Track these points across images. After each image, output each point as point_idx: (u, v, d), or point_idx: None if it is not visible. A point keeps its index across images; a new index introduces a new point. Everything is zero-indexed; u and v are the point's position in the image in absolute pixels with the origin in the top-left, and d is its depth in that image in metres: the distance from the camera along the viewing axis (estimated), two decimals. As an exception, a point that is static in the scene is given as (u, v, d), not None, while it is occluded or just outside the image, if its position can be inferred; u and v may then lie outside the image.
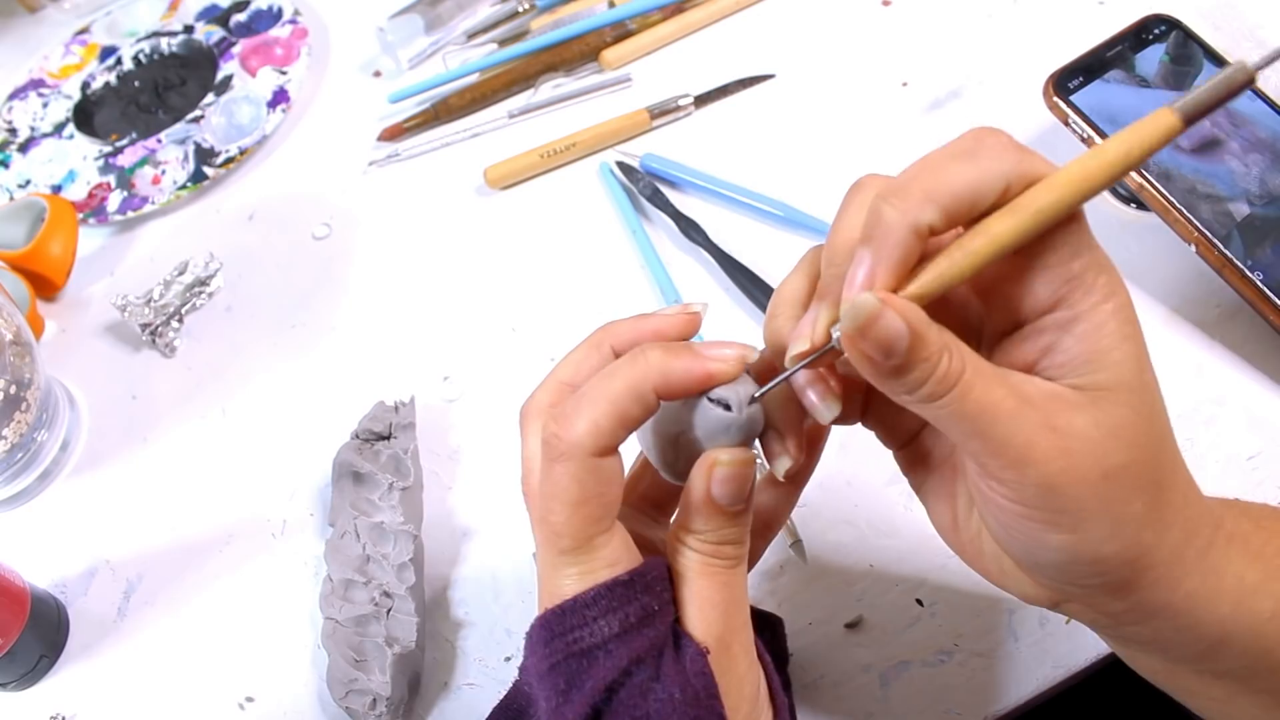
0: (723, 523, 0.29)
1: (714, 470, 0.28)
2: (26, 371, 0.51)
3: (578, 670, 0.28)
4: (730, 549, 0.29)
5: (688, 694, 0.27)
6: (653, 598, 0.28)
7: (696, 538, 0.29)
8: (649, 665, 0.28)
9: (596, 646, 0.28)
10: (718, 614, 0.29)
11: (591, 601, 0.28)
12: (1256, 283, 0.43)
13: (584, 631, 0.28)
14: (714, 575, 0.29)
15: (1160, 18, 0.49)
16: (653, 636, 0.28)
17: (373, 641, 0.42)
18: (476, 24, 0.69)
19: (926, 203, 0.24)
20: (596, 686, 0.27)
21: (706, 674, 0.28)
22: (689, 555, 0.29)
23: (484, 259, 0.58)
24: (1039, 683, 0.39)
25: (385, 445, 0.48)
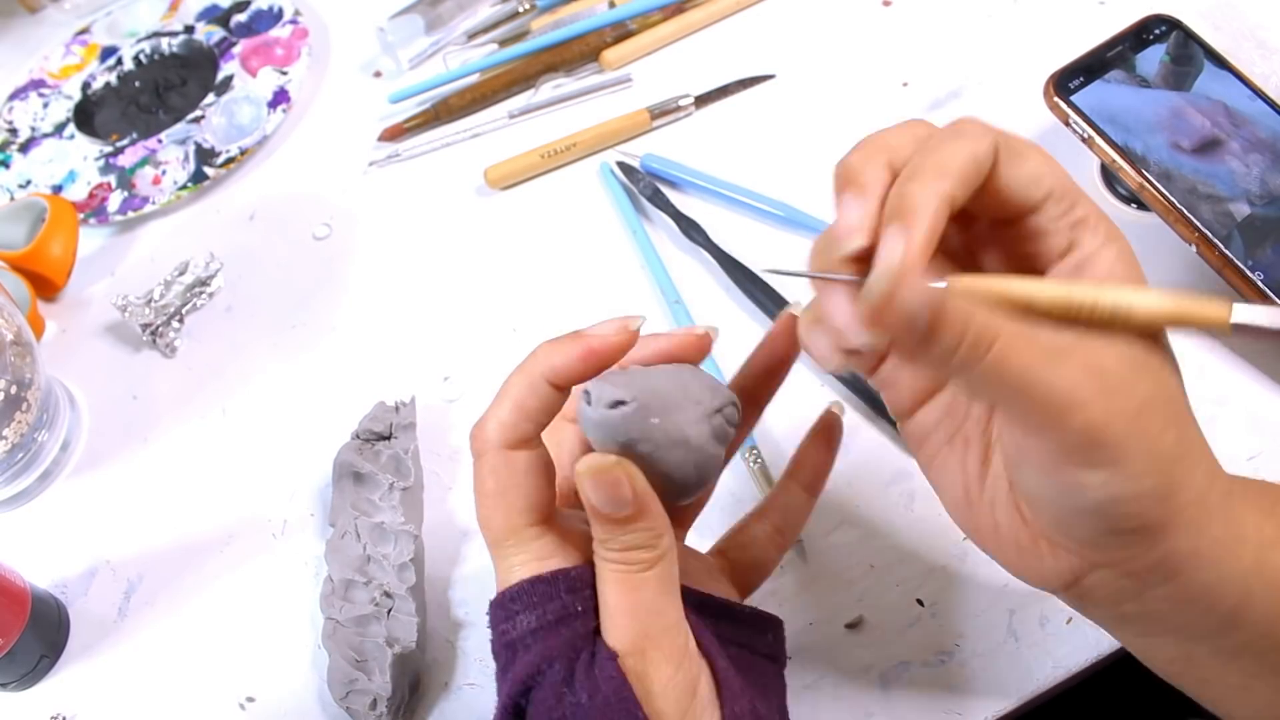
0: (615, 529, 0.29)
1: (581, 482, 0.28)
2: (27, 371, 0.51)
3: (507, 661, 0.29)
4: (637, 554, 0.29)
5: (597, 699, 0.28)
6: (576, 599, 0.29)
7: (604, 545, 0.29)
8: (561, 666, 0.28)
9: (517, 640, 0.29)
10: (628, 620, 0.29)
11: (516, 595, 0.30)
12: (1257, 283, 0.43)
13: (509, 624, 0.29)
14: (621, 581, 0.29)
15: (1160, 18, 0.49)
16: (568, 637, 0.29)
17: (373, 641, 0.42)
18: (477, 24, 0.69)
19: (945, 177, 0.26)
20: (515, 679, 0.29)
21: (617, 678, 0.28)
22: (600, 564, 0.29)
23: (484, 259, 0.58)
24: (1039, 683, 0.39)
25: (385, 445, 0.48)
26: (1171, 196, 0.44)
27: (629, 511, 0.29)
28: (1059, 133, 0.47)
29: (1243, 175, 0.45)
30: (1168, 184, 0.45)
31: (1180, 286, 0.47)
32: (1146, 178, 0.45)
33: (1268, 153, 0.46)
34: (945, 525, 0.43)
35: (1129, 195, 0.50)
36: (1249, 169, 0.45)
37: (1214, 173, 0.45)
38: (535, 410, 0.30)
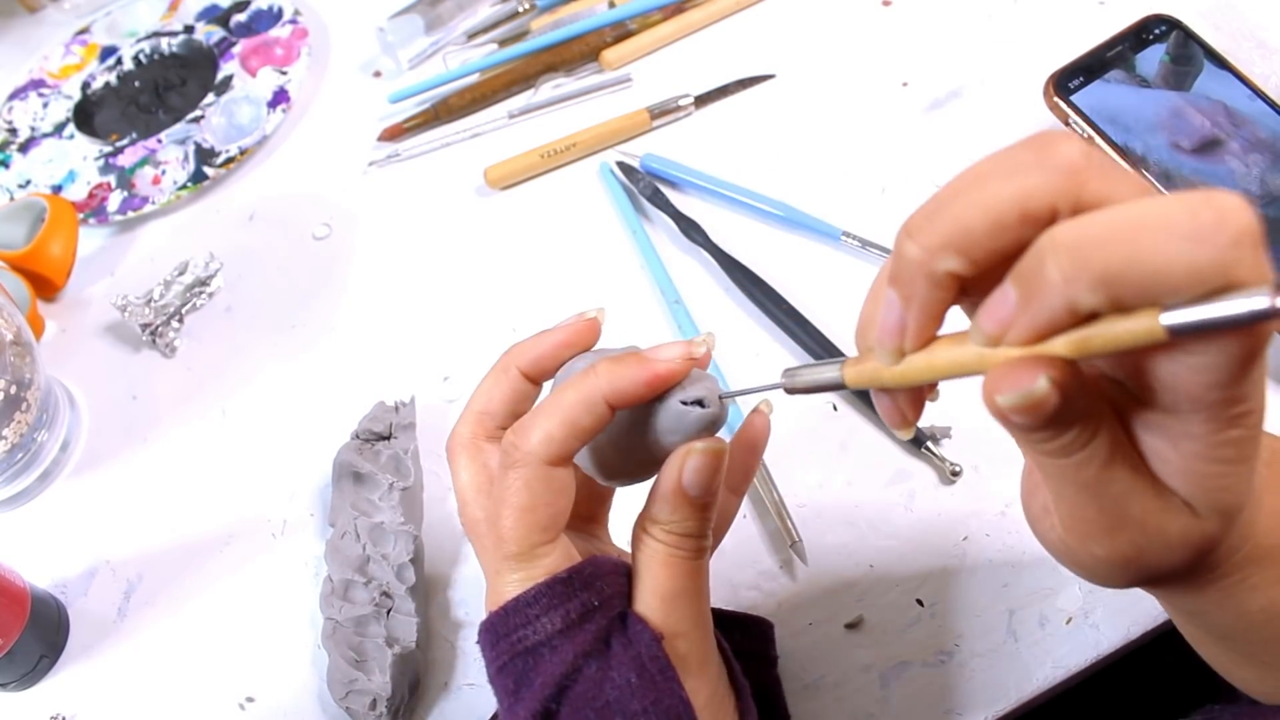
0: (690, 513, 0.29)
1: (688, 459, 0.29)
2: (27, 372, 0.51)
3: (525, 669, 0.29)
4: (693, 541, 0.30)
5: (644, 677, 0.28)
6: (592, 594, 0.29)
7: (662, 528, 0.29)
8: (597, 657, 0.28)
9: (541, 644, 0.29)
10: (679, 602, 0.29)
11: (533, 600, 0.29)
12: (1257, 283, 0.43)
13: (527, 630, 0.29)
14: (676, 565, 0.29)
15: (1160, 18, 0.49)
16: (595, 631, 0.29)
17: (373, 641, 0.42)
18: (476, 24, 0.69)
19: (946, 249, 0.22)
20: (546, 683, 0.28)
21: (661, 657, 0.28)
22: (653, 545, 0.30)
23: (484, 259, 0.58)
24: (1039, 683, 0.39)
25: (385, 445, 0.48)
26: (1171, 196, 0.44)
27: (710, 499, 0.29)
28: (1059, 133, 0.47)
29: (1243, 175, 0.45)
30: (1168, 184, 0.45)
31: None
32: (1146, 178, 0.45)
33: (1268, 153, 0.46)
34: (945, 525, 0.43)
35: (1129, 195, 0.50)
36: (1249, 169, 0.45)
37: (1214, 173, 0.45)
38: (587, 430, 0.29)
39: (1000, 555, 0.42)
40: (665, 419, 0.29)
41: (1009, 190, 0.21)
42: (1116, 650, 0.39)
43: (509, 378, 0.32)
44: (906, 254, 0.22)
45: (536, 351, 0.32)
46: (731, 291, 0.52)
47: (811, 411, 0.47)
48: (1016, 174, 0.21)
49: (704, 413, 0.29)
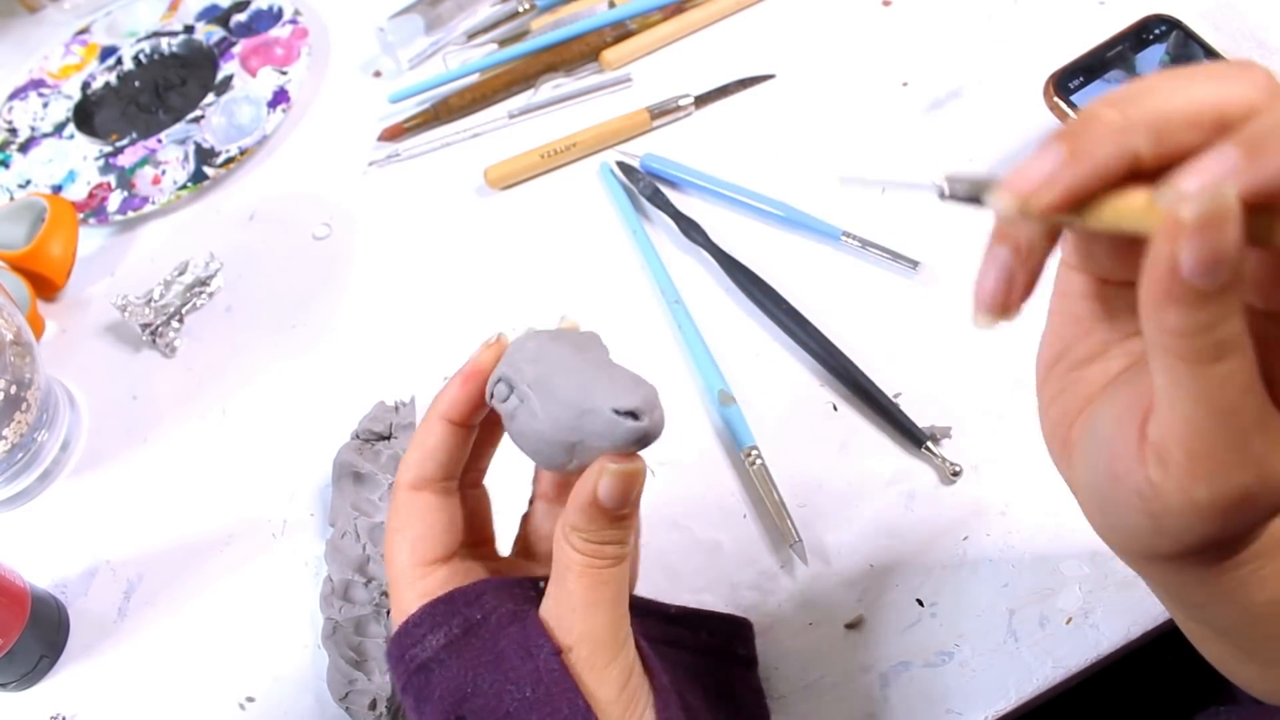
0: (605, 524, 0.30)
1: (602, 477, 0.29)
2: (27, 371, 0.51)
3: (422, 685, 0.30)
4: (611, 549, 0.30)
5: (539, 689, 0.28)
6: (475, 609, 0.30)
7: (579, 535, 0.30)
8: (491, 669, 0.29)
9: (430, 660, 0.30)
10: (591, 611, 0.30)
11: (418, 620, 0.30)
12: (1257, 283, 0.43)
13: (417, 649, 0.30)
14: (591, 575, 0.30)
15: (1160, 18, 0.49)
16: (481, 646, 0.30)
17: (373, 641, 0.42)
18: (476, 24, 0.69)
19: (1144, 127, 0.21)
20: (443, 696, 0.29)
21: (557, 669, 0.29)
22: (570, 554, 0.30)
23: (484, 259, 0.58)
24: (1039, 683, 0.39)
25: (385, 445, 0.48)
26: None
27: (627, 511, 0.30)
28: (1059, 133, 0.47)
29: (1243, 175, 0.45)
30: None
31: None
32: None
33: (1268, 153, 0.46)
34: (945, 525, 0.43)
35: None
36: (1249, 169, 0.45)
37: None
38: (434, 448, 0.32)
39: (1000, 555, 0.42)
40: (596, 424, 0.29)
41: (1214, 92, 0.21)
42: (1116, 650, 0.39)
43: (432, 426, 0.33)
44: (1104, 117, 0.22)
45: (449, 395, 0.33)
46: (731, 291, 0.52)
47: (812, 411, 0.47)
48: (1222, 80, 0.22)
49: (634, 425, 0.28)
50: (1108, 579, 0.40)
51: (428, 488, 0.32)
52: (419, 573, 0.32)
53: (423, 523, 0.32)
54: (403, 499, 0.32)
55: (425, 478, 0.32)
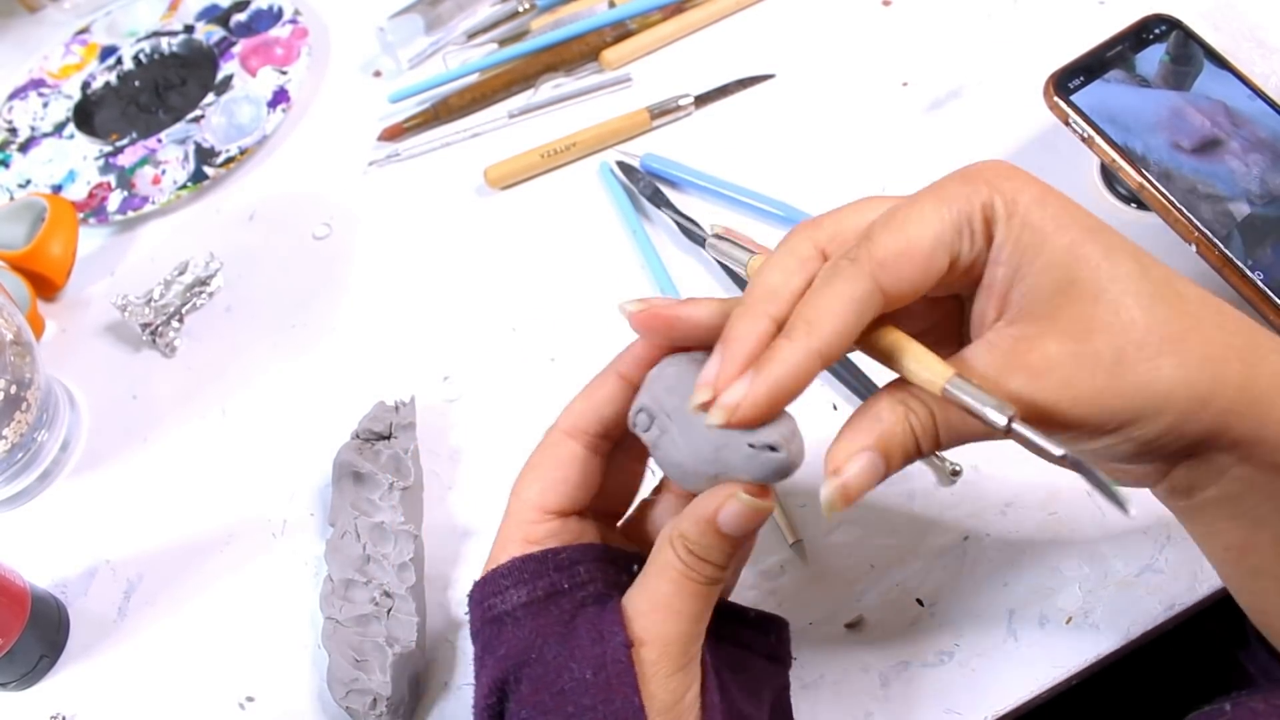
0: (716, 542, 0.29)
1: (728, 503, 0.29)
2: (27, 371, 0.51)
3: (491, 636, 0.30)
4: (711, 568, 0.29)
5: (601, 676, 0.28)
6: (564, 576, 0.30)
7: (685, 545, 0.29)
8: (559, 642, 0.29)
9: (506, 614, 0.30)
10: (669, 615, 0.29)
11: (506, 572, 0.30)
12: (1257, 283, 0.43)
13: (497, 599, 0.30)
14: (684, 585, 0.29)
15: (1160, 18, 0.49)
16: (559, 614, 0.29)
17: (373, 641, 0.42)
18: (476, 24, 0.69)
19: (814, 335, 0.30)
20: (507, 654, 0.29)
21: (624, 662, 0.28)
22: (670, 558, 0.29)
23: (484, 259, 0.58)
24: (1039, 683, 0.39)
25: (385, 445, 0.48)
26: (1171, 196, 0.44)
27: (742, 539, 0.30)
28: (1059, 133, 0.47)
29: (1243, 175, 0.45)
30: (1168, 184, 0.45)
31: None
32: (1146, 178, 0.45)
33: (1268, 153, 0.46)
34: (945, 525, 0.43)
35: (1129, 195, 0.50)
36: (1249, 169, 0.45)
37: (1214, 173, 0.45)
38: (601, 401, 0.32)
39: (1000, 555, 0.42)
40: (735, 457, 0.29)
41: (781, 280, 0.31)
42: (1116, 650, 0.39)
43: (606, 379, 0.33)
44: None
45: (632, 353, 0.33)
46: (732, 291, 0.52)
47: (811, 412, 0.47)
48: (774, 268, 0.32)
49: (772, 457, 0.29)
50: (1108, 579, 0.40)
51: (580, 438, 0.32)
52: (535, 516, 0.31)
53: (561, 469, 0.32)
54: (553, 439, 0.32)
55: (581, 428, 0.32)
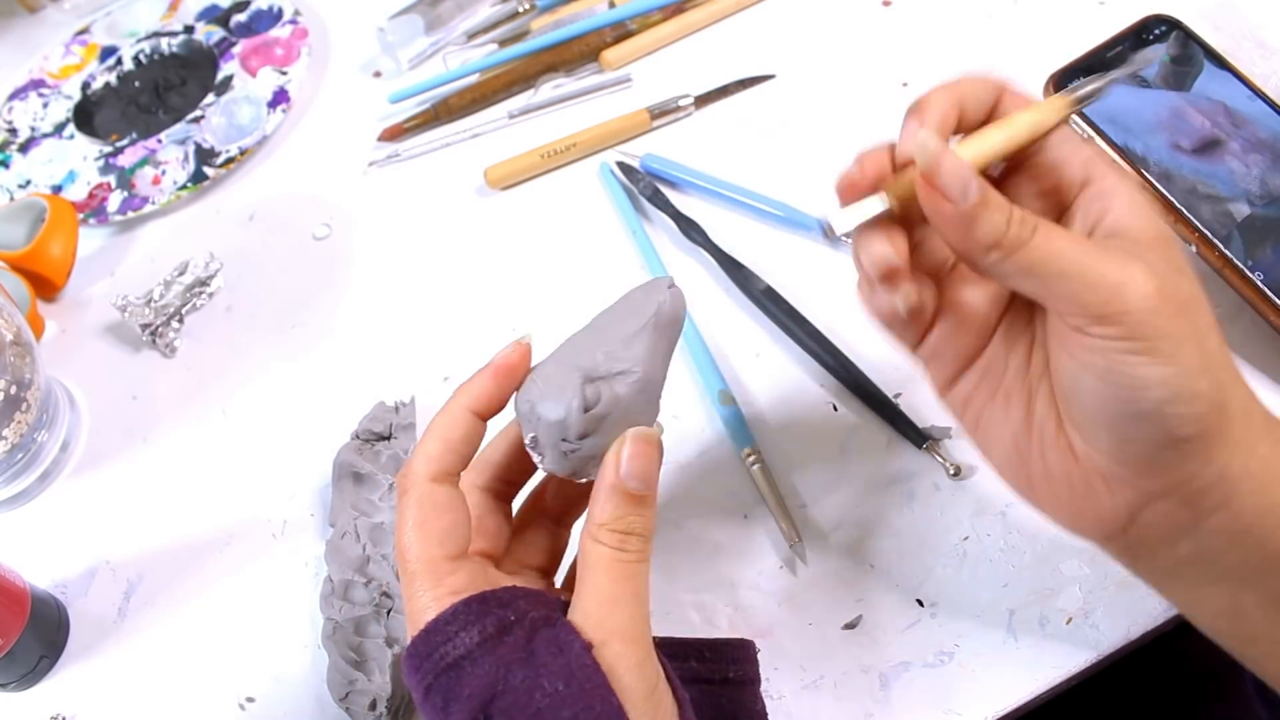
0: (628, 507, 0.30)
1: (623, 448, 0.30)
2: (27, 372, 0.51)
3: (450, 684, 0.29)
4: (635, 540, 0.30)
5: (573, 684, 0.28)
6: (509, 611, 0.30)
7: (604, 528, 0.30)
8: (523, 666, 0.29)
9: (462, 658, 0.29)
10: (617, 607, 0.30)
11: (450, 618, 0.29)
12: (1257, 283, 0.43)
13: (448, 647, 0.29)
14: (617, 568, 0.30)
15: (1160, 18, 0.49)
16: (515, 643, 0.29)
17: (373, 641, 0.42)
18: (476, 24, 0.69)
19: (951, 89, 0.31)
20: (473, 694, 0.28)
21: (590, 664, 0.28)
22: (596, 549, 0.30)
23: (484, 259, 0.58)
24: (1039, 683, 0.39)
25: (385, 445, 0.48)
26: (1171, 196, 0.44)
27: (649, 491, 0.30)
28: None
29: (1243, 175, 0.45)
30: (1168, 184, 0.45)
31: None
32: (1146, 178, 0.45)
33: (1268, 153, 0.46)
34: (945, 525, 0.43)
35: (1129, 195, 0.50)
36: (1249, 169, 0.45)
37: (1214, 173, 0.45)
38: (458, 441, 0.32)
39: (1000, 555, 0.42)
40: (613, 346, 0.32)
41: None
42: (1116, 650, 0.39)
43: (457, 418, 0.33)
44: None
45: (477, 387, 0.33)
46: (731, 291, 0.52)
47: (811, 412, 0.47)
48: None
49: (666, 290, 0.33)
50: (1108, 579, 0.40)
51: (449, 481, 0.32)
52: (447, 567, 0.31)
53: (448, 515, 0.31)
54: (424, 491, 0.31)
55: (447, 470, 0.32)
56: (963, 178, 0.28)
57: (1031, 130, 0.30)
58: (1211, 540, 0.29)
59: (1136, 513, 0.29)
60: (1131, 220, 0.29)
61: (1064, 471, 0.30)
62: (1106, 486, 0.29)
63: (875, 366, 0.47)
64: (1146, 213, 0.29)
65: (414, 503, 0.31)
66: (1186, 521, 0.29)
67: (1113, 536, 0.30)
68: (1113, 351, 0.27)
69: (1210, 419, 0.27)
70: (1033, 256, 0.27)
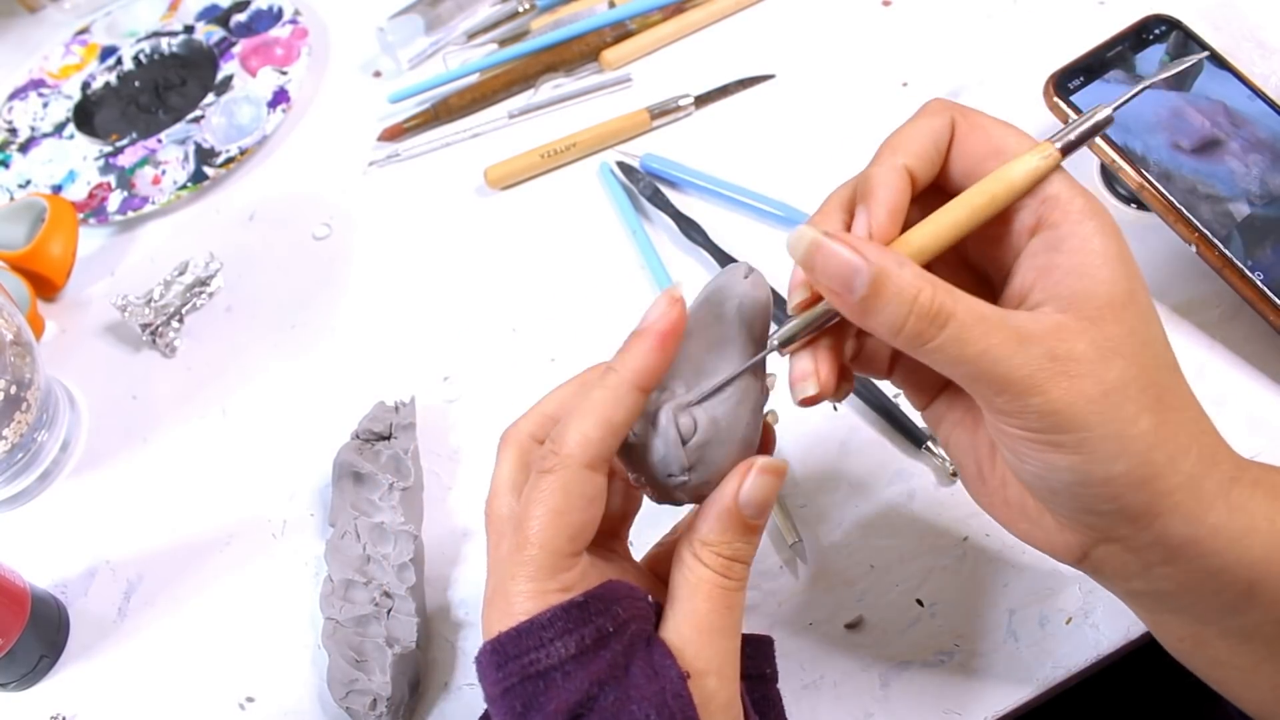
0: (739, 534, 0.29)
1: (748, 477, 0.29)
2: (27, 372, 0.51)
3: (535, 693, 0.27)
4: (739, 568, 0.29)
5: (664, 715, 0.26)
6: (608, 619, 0.28)
7: (710, 550, 0.29)
8: (614, 686, 0.27)
9: (553, 668, 0.27)
10: (714, 638, 0.28)
11: (547, 623, 0.27)
12: (1257, 283, 0.43)
13: (540, 654, 0.27)
14: (719, 596, 0.29)
15: (1160, 18, 0.49)
16: (611, 658, 0.27)
17: (373, 642, 0.42)
18: (476, 24, 0.69)
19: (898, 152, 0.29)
20: (559, 709, 0.27)
21: (684, 696, 0.27)
22: (699, 571, 0.29)
23: (484, 259, 0.58)
24: (1039, 683, 0.39)
25: (385, 445, 0.48)
26: (1171, 196, 0.44)
27: (761, 521, 0.29)
28: (1059, 133, 0.47)
29: (1242, 175, 0.45)
30: (1167, 184, 0.45)
31: (1180, 287, 0.47)
32: (1146, 178, 0.45)
33: (1268, 153, 0.46)
34: (945, 525, 0.43)
35: (1129, 195, 0.50)
36: (1249, 169, 0.45)
37: (1214, 173, 0.45)
38: (621, 425, 0.28)
39: (1000, 555, 0.42)
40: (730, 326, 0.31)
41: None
42: (1116, 650, 0.39)
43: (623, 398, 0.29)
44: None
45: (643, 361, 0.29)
46: (731, 291, 0.52)
47: (811, 411, 0.47)
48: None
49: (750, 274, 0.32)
50: (1108, 579, 0.40)
51: (603, 469, 0.29)
52: (566, 563, 0.28)
53: (592, 510, 0.28)
54: (576, 478, 0.28)
55: (604, 457, 0.28)
56: (844, 271, 0.26)
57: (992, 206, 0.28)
58: (1161, 584, 0.28)
59: (1089, 549, 0.29)
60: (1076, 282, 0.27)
61: (1021, 503, 0.30)
62: (1057, 525, 0.29)
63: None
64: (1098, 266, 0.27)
65: (560, 487, 0.28)
66: (1134, 564, 0.28)
67: (1071, 562, 0.30)
68: (1019, 438, 0.27)
69: (1131, 497, 0.27)
70: (937, 350, 0.26)
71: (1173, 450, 0.27)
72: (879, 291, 0.26)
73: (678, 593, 0.29)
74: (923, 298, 0.26)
